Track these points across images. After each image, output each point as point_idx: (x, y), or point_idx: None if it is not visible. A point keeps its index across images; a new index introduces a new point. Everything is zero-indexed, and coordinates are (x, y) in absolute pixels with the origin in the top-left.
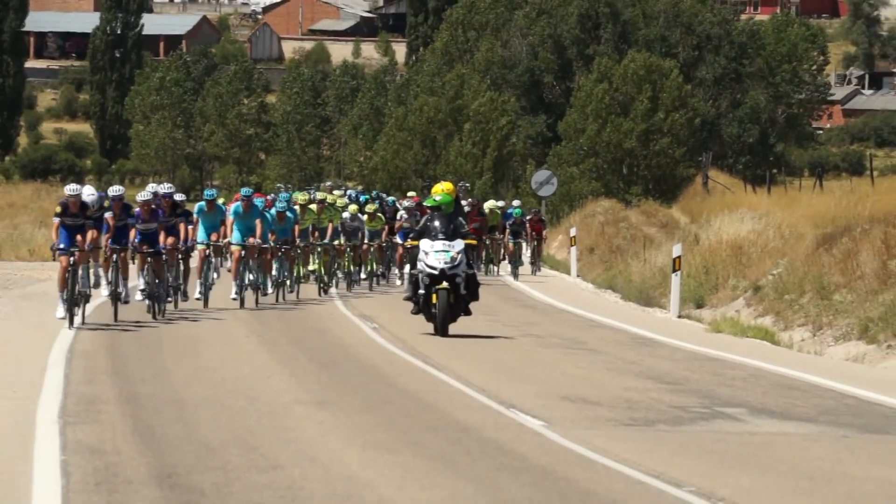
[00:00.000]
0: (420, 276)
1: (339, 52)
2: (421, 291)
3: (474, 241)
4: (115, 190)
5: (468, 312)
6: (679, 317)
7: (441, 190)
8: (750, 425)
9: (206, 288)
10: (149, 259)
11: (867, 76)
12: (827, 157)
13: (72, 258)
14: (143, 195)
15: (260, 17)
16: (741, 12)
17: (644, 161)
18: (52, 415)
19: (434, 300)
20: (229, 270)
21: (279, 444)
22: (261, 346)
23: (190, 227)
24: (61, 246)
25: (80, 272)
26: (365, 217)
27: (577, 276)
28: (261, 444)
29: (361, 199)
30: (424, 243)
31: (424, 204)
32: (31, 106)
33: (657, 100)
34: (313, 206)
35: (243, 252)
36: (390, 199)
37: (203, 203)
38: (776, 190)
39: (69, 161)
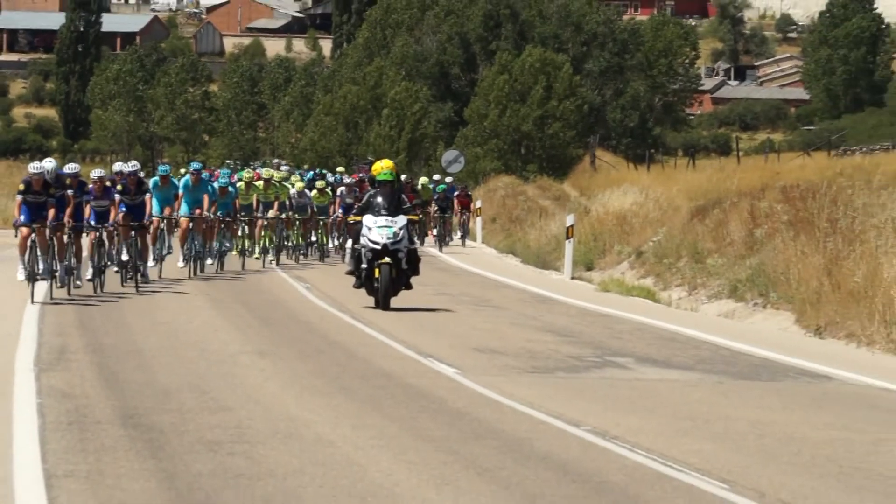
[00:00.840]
0: (363, 250)
1: (273, 47)
2: (363, 266)
3: (416, 217)
4: (71, 167)
5: (409, 287)
6: (572, 278)
7: (383, 167)
8: (636, 373)
9: (160, 259)
10: (132, 233)
11: (732, 69)
12: (698, 140)
13: (32, 233)
14: (97, 172)
15: (204, 16)
16: (623, 13)
17: (539, 142)
18: (28, 363)
19: (377, 274)
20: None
21: (227, 388)
22: (209, 305)
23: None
24: (22, 218)
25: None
26: (313, 193)
27: (482, 242)
28: (211, 389)
29: (308, 176)
30: (367, 219)
31: (368, 179)
32: (4, 93)
33: (550, 89)
34: (259, 183)
35: (191, 223)
36: (336, 176)
37: (157, 178)
38: (654, 168)
39: (37, 142)
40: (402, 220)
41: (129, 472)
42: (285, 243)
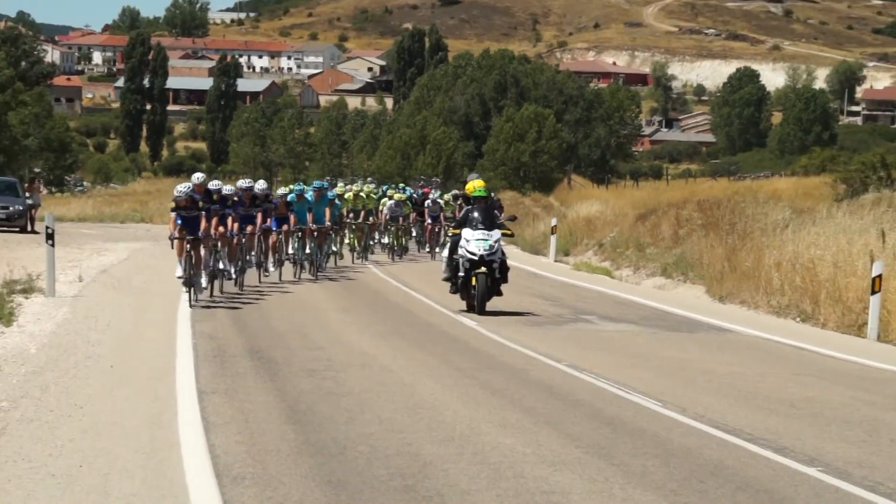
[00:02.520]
0: (461, 260)
1: (353, 102)
2: (461, 274)
3: (510, 232)
4: (260, 184)
5: (500, 294)
6: (555, 261)
7: (476, 186)
8: (599, 326)
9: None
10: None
11: (664, 120)
12: (640, 168)
13: (188, 244)
14: (244, 183)
15: (306, 81)
16: (590, 82)
17: (532, 169)
18: (186, 317)
19: (473, 283)
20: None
21: (321, 333)
22: (312, 285)
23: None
24: (175, 234)
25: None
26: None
27: None
28: (309, 333)
29: (407, 191)
30: (466, 232)
31: (462, 197)
32: (171, 132)
33: (540, 133)
34: (349, 196)
35: (314, 233)
36: (418, 191)
37: (293, 195)
38: (611, 187)
39: (192, 165)
40: (496, 233)
41: (254, 390)
42: (370, 243)
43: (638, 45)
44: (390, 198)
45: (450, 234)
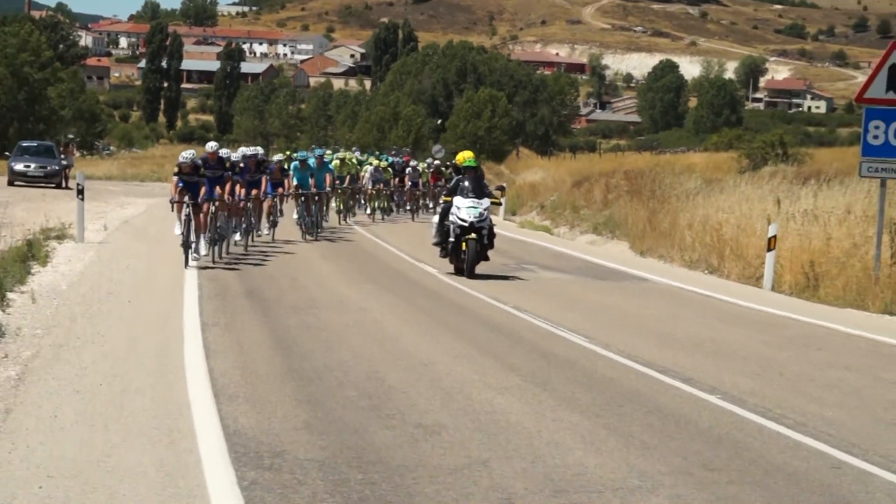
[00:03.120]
0: (452, 227)
1: (337, 84)
2: (451, 240)
3: (499, 201)
4: (252, 150)
5: (486, 258)
6: (504, 219)
7: (466, 157)
8: (540, 274)
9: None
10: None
11: (598, 103)
12: (578, 143)
13: (186, 207)
14: (250, 150)
15: (299, 65)
16: (537, 69)
17: (487, 142)
18: (194, 266)
19: (463, 248)
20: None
21: (306, 276)
22: (307, 244)
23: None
24: (176, 198)
25: (219, 218)
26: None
27: None
28: (297, 276)
29: (386, 158)
30: (458, 200)
31: (453, 167)
32: (184, 106)
33: (494, 112)
34: (335, 163)
35: (316, 197)
36: (399, 159)
37: (297, 162)
38: (553, 159)
39: (202, 134)
40: (486, 202)
41: (249, 324)
42: (352, 205)
43: (577, 40)
44: (371, 164)
45: (441, 202)
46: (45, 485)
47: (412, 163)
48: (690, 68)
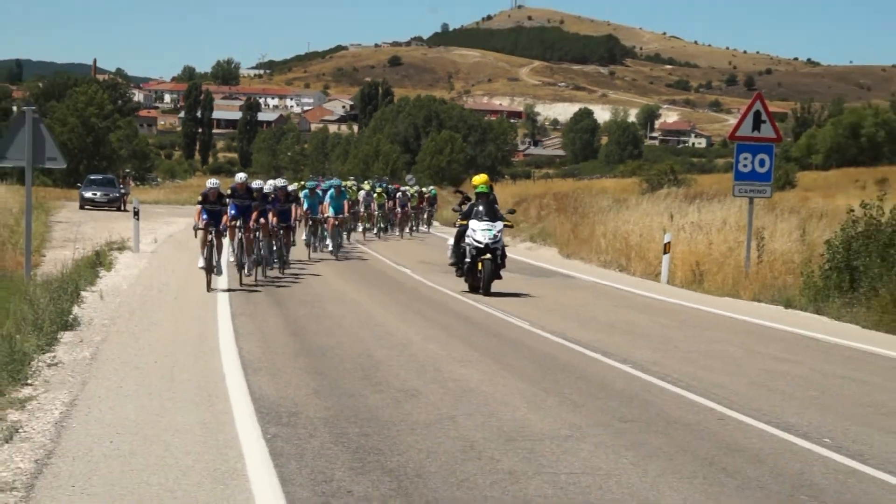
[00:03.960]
0: (468, 248)
1: (332, 128)
2: (467, 260)
3: (511, 224)
4: (280, 181)
5: (500, 277)
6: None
7: (480, 181)
8: (513, 273)
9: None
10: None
11: (532, 141)
12: (517, 172)
13: (210, 235)
14: (281, 181)
15: (302, 114)
16: (485, 117)
17: (448, 172)
18: (225, 265)
19: (480, 267)
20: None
21: (314, 280)
22: (322, 258)
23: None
24: (200, 226)
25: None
26: (375, 195)
27: None
28: (305, 279)
29: (379, 184)
30: (473, 223)
31: (475, 191)
32: (214, 147)
33: (452, 149)
34: (332, 191)
35: (336, 222)
36: (391, 187)
37: (307, 190)
38: (498, 184)
39: (228, 168)
40: (499, 224)
41: (268, 314)
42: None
43: (516, 93)
44: (363, 190)
45: (457, 224)
46: (114, 440)
47: (402, 188)
48: (602, 114)
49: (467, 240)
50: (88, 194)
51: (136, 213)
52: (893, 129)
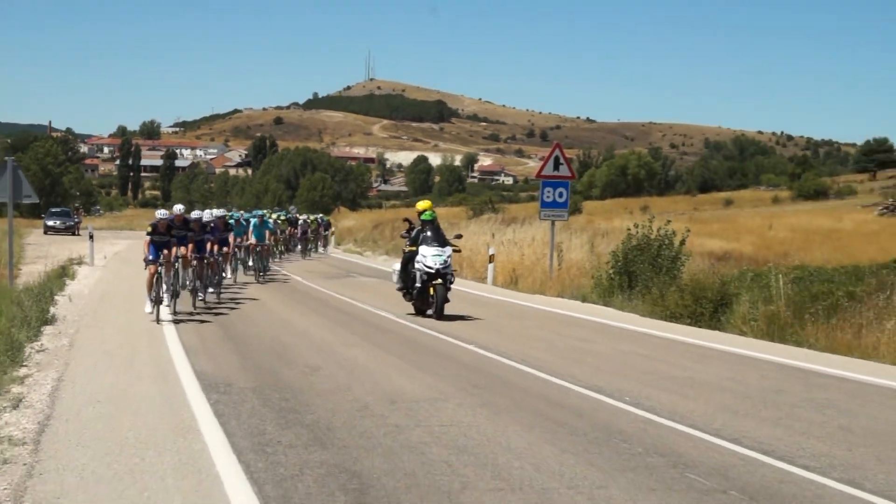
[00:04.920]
0: (418, 273)
1: (232, 171)
2: (417, 284)
3: (458, 249)
4: (209, 213)
5: (447, 300)
6: (334, 248)
7: (425, 208)
8: (358, 279)
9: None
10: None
11: (383, 180)
12: (372, 203)
13: (159, 267)
14: (218, 212)
15: (209, 161)
16: (346, 162)
17: (321, 203)
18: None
19: (431, 292)
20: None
21: (241, 292)
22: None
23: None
24: (150, 258)
25: (171, 275)
26: (280, 222)
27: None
28: (236, 292)
29: (282, 214)
30: (423, 248)
31: (420, 218)
32: (141, 185)
33: (324, 186)
34: (255, 221)
35: (258, 248)
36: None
37: (255, 220)
38: (359, 213)
39: (154, 203)
40: (448, 250)
41: (203, 315)
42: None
43: (370, 144)
44: (270, 220)
45: (406, 249)
46: (96, 406)
47: (303, 217)
48: (435, 159)
49: (417, 265)
50: (50, 223)
51: (91, 237)
52: (651, 169)
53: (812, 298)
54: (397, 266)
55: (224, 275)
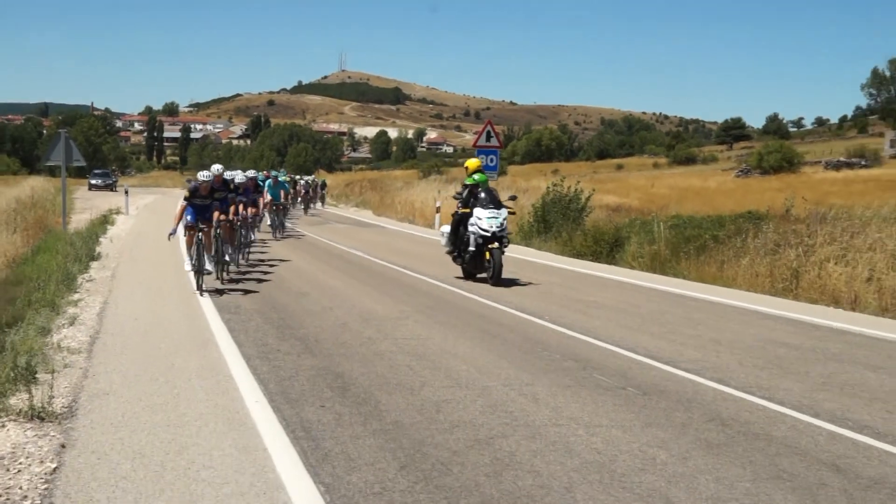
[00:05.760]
0: (473, 236)
1: (236, 143)
2: (471, 248)
3: (514, 211)
4: (241, 174)
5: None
6: (324, 206)
7: (476, 166)
8: (336, 226)
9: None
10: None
11: (352, 149)
12: (345, 166)
13: (199, 233)
14: (252, 173)
15: (217, 133)
16: (325, 135)
17: (304, 167)
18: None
19: (487, 256)
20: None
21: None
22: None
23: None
24: (188, 218)
25: (217, 242)
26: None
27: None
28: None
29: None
30: (478, 211)
31: (468, 181)
32: (164, 153)
33: (307, 153)
34: (269, 181)
35: (275, 206)
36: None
37: (270, 180)
38: (335, 174)
39: (174, 166)
40: (504, 212)
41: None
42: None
43: (343, 121)
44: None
45: (458, 212)
46: (134, 323)
47: (305, 178)
48: (393, 133)
49: (471, 228)
50: (94, 181)
51: (126, 192)
52: (560, 141)
53: (685, 240)
54: (446, 228)
55: (252, 237)
